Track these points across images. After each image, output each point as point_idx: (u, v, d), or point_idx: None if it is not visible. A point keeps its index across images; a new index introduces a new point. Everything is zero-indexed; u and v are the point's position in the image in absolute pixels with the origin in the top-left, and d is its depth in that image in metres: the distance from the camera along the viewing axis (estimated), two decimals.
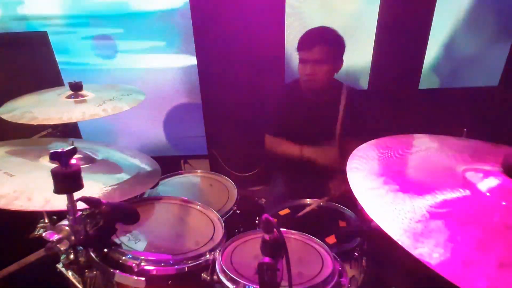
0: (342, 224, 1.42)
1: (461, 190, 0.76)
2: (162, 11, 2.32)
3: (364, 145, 1.10)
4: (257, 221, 1.47)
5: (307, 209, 1.51)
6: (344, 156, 1.03)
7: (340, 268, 1.07)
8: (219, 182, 1.71)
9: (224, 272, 1.02)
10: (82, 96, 1.52)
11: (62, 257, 1.07)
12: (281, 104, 1.83)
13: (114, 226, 0.90)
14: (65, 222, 0.86)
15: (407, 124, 2.61)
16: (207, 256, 1.10)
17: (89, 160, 1.26)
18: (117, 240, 1.12)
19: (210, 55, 2.38)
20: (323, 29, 1.70)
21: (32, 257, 0.86)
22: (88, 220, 0.87)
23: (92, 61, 2.45)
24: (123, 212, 0.91)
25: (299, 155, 1.73)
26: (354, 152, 1.05)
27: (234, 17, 2.27)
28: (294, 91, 1.82)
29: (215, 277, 1.05)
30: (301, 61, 1.67)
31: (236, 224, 1.47)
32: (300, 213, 1.49)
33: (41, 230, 1.32)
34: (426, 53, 2.54)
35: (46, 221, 1.32)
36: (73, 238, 0.85)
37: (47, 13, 2.28)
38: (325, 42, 1.63)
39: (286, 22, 2.36)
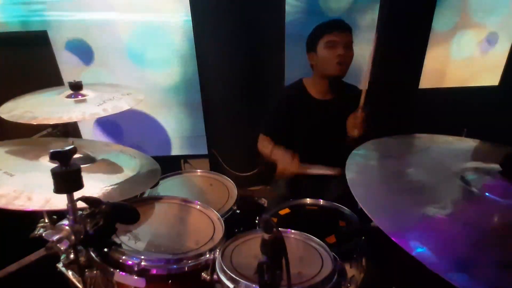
0: (342, 224, 1.42)
1: (461, 190, 0.76)
2: None
3: (363, 145, 1.10)
4: (257, 221, 1.47)
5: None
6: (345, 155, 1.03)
7: (340, 268, 1.07)
8: (219, 181, 1.71)
9: (224, 271, 1.02)
10: (82, 95, 1.53)
11: (62, 256, 1.07)
12: (283, 105, 1.83)
13: (114, 226, 0.90)
14: (65, 221, 0.86)
15: (407, 124, 2.62)
16: (207, 255, 1.10)
17: (89, 160, 1.26)
18: (117, 240, 1.12)
19: (211, 54, 2.38)
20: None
21: (32, 257, 0.86)
22: (88, 220, 0.87)
23: None
24: (123, 212, 0.91)
25: (268, 155, 1.71)
26: (353, 152, 1.05)
27: (235, 17, 2.27)
28: (298, 92, 1.81)
29: (215, 276, 1.05)
30: (329, 45, 1.66)
31: (236, 224, 1.47)
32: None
33: (41, 230, 1.32)
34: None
35: (46, 220, 1.32)
36: (73, 237, 0.85)
37: None
38: (350, 28, 1.70)
39: (286, 22, 2.36)
